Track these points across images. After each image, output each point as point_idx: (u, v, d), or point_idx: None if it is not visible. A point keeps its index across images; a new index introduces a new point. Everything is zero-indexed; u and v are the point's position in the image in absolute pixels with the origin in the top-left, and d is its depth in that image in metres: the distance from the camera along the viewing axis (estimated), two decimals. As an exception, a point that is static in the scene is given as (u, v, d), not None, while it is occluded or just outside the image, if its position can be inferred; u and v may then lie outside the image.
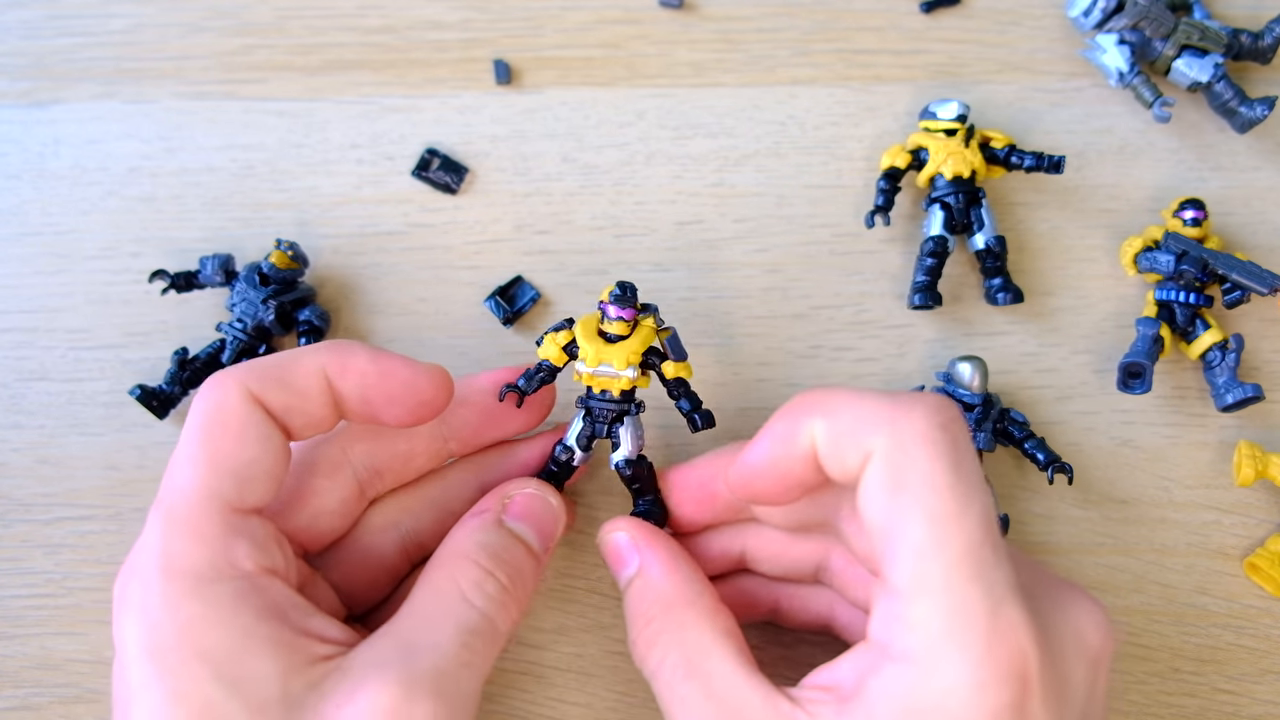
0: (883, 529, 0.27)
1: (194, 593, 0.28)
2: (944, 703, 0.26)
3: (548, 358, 0.36)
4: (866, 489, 0.28)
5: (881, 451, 0.28)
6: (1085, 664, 0.28)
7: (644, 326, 0.36)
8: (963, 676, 0.26)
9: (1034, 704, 0.26)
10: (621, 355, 0.35)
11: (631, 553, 0.34)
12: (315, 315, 0.41)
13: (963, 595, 0.26)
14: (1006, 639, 0.26)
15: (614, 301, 0.35)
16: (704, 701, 0.29)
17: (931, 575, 0.26)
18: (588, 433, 0.37)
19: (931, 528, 0.26)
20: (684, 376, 0.37)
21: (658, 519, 0.36)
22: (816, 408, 0.29)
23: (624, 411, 0.37)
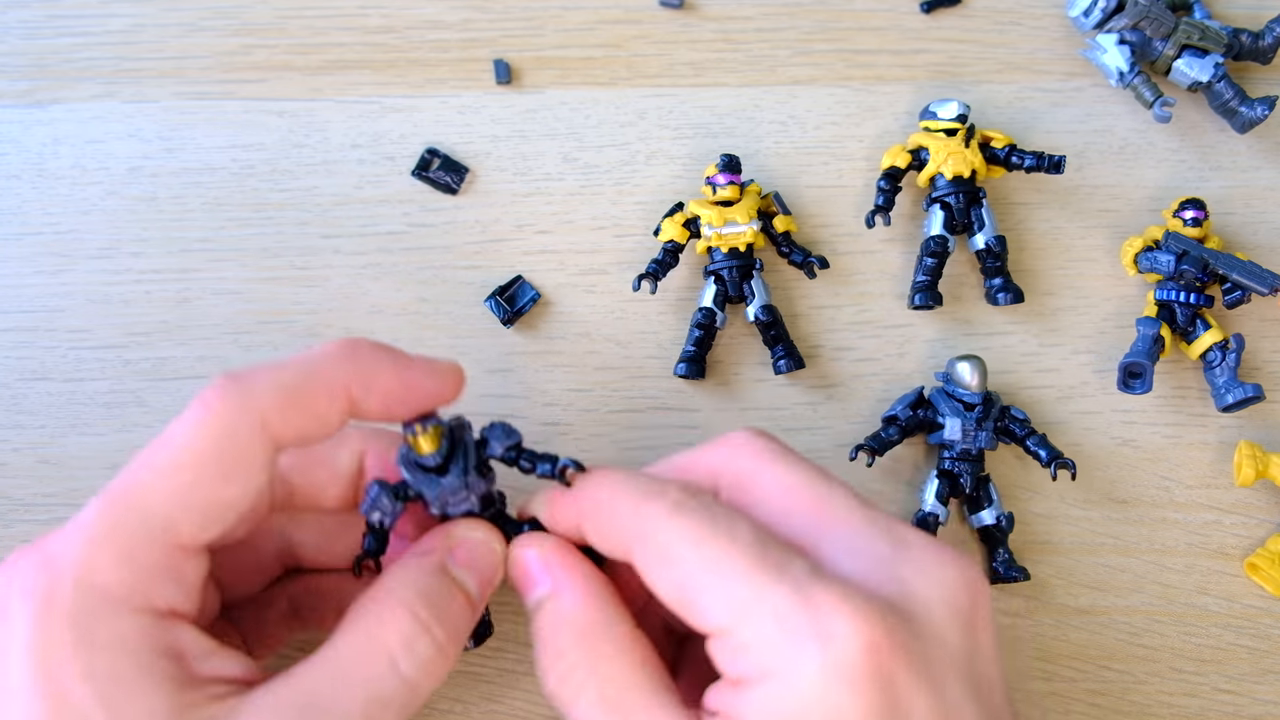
0: (677, 597, 0.28)
1: (100, 613, 0.26)
2: (810, 698, 0.26)
3: (671, 238, 0.41)
4: (646, 574, 0.29)
5: (640, 542, 0.29)
6: (958, 625, 0.28)
7: (750, 191, 0.42)
8: (815, 668, 0.26)
9: (895, 672, 0.26)
10: (742, 211, 0.41)
11: (543, 573, 0.31)
12: (500, 437, 0.33)
13: (773, 601, 0.26)
14: (831, 618, 0.26)
15: (723, 170, 0.41)
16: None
17: (738, 602, 0.27)
18: (723, 293, 0.41)
19: (715, 571, 0.27)
20: (791, 230, 0.42)
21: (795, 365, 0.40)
22: (584, 499, 0.31)
23: (750, 265, 0.41)
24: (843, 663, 0.26)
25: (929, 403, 0.41)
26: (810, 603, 0.26)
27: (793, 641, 0.26)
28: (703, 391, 0.42)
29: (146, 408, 0.41)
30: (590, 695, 0.29)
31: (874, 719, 0.26)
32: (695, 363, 0.41)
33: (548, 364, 0.42)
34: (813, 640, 0.26)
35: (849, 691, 0.25)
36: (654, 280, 0.41)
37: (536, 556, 0.32)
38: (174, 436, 0.27)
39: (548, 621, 0.31)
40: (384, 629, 0.28)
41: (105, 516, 0.27)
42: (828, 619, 0.26)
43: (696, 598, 0.28)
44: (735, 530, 0.28)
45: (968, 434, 0.40)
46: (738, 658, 0.27)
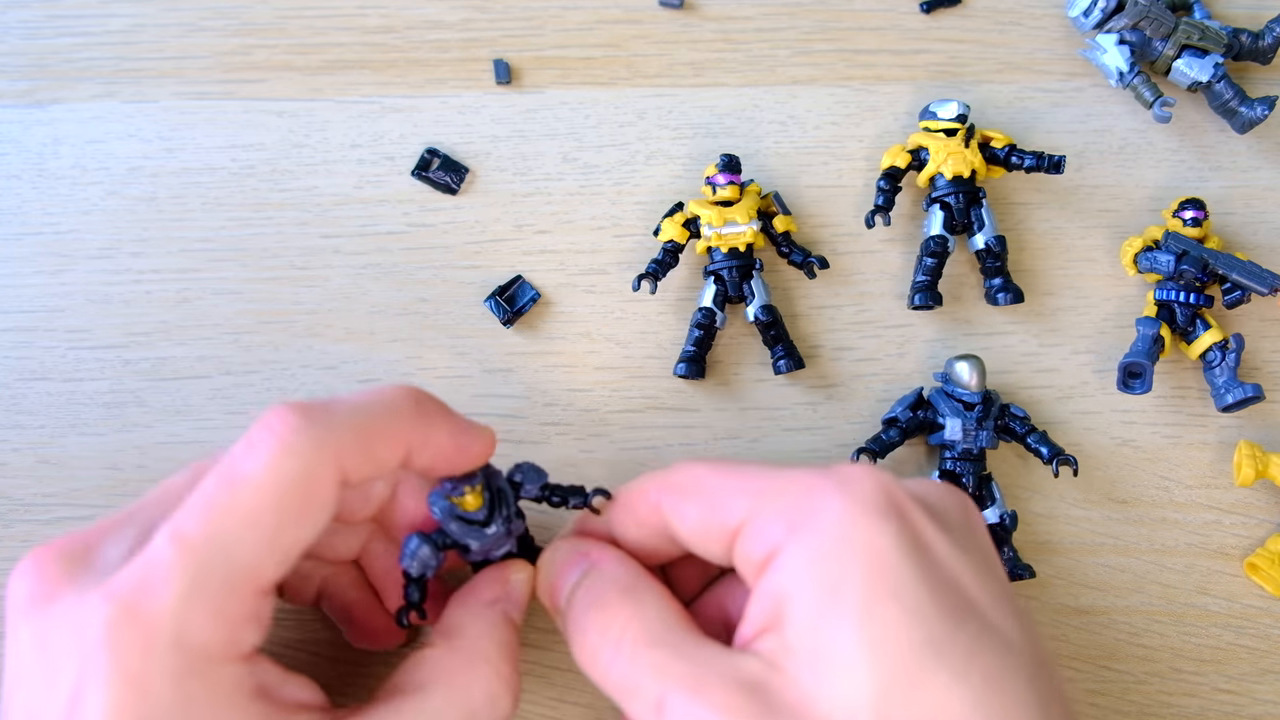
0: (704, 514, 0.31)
1: (199, 670, 0.26)
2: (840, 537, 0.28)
3: (670, 238, 0.41)
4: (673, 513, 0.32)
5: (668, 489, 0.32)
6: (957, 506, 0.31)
7: (749, 191, 0.42)
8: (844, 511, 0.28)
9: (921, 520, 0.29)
10: (742, 211, 0.41)
11: (580, 557, 0.33)
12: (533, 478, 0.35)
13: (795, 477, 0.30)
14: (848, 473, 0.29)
15: (723, 170, 0.41)
16: (675, 664, 0.29)
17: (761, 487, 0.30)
18: (723, 293, 0.41)
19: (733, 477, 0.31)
20: (790, 230, 0.42)
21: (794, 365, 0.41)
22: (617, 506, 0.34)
23: (750, 265, 0.41)
24: (864, 498, 0.28)
25: (928, 403, 0.41)
26: (830, 468, 0.30)
27: (816, 494, 0.28)
28: (703, 391, 0.42)
29: (146, 408, 0.41)
30: (634, 634, 0.30)
31: (904, 543, 0.27)
32: (695, 363, 0.41)
33: (548, 364, 0.42)
34: (835, 487, 0.28)
35: (876, 520, 0.28)
36: (654, 280, 0.41)
37: (573, 546, 0.34)
38: (253, 476, 0.27)
39: (588, 589, 0.32)
40: (469, 686, 0.30)
41: (190, 569, 0.26)
42: (843, 474, 0.29)
43: (719, 505, 0.30)
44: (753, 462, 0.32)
45: (968, 434, 0.40)
46: (764, 532, 0.29)
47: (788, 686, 0.27)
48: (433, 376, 0.42)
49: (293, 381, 0.42)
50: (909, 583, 0.27)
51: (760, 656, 0.28)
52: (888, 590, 0.26)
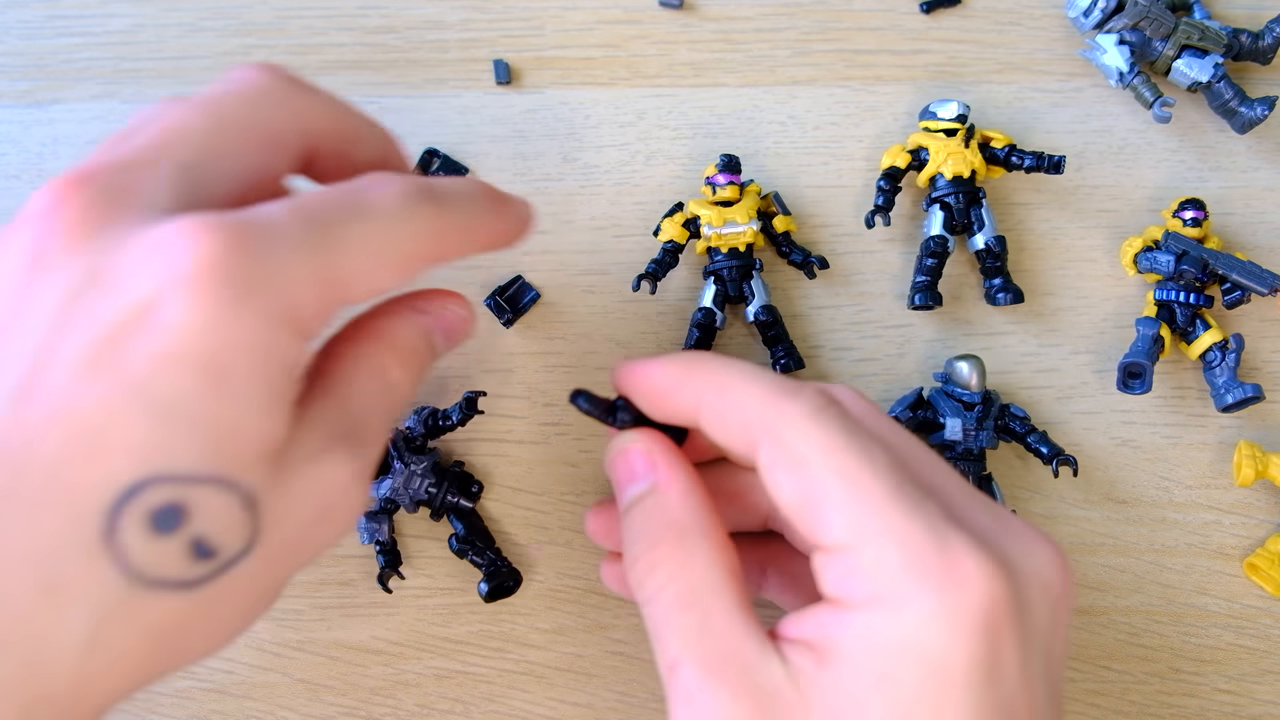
0: (799, 502, 0.28)
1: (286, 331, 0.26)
2: (917, 638, 0.26)
3: (670, 239, 0.41)
4: (768, 474, 0.28)
5: (771, 435, 0.28)
6: (1048, 605, 0.28)
7: (749, 191, 0.42)
8: (932, 608, 0.26)
9: (1005, 634, 0.26)
10: (742, 211, 0.41)
11: (647, 468, 0.32)
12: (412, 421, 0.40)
13: (905, 534, 0.26)
14: (961, 567, 0.26)
15: (723, 170, 0.42)
16: (700, 635, 0.28)
17: (866, 523, 0.27)
18: (723, 293, 0.41)
19: (847, 484, 0.27)
20: (790, 230, 0.42)
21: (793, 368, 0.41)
22: (706, 381, 0.30)
23: (750, 265, 0.41)
24: (963, 609, 0.26)
25: (928, 403, 0.41)
26: (942, 543, 0.26)
27: (916, 575, 0.26)
28: (703, 391, 0.42)
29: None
30: (676, 587, 0.29)
31: (975, 671, 0.26)
32: None
33: (548, 364, 0.42)
34: (938, 579, 0.26)
35: (960, 638, 0.26)
36: (654, 280, 0.41)
37: (642, 451, 0.32)
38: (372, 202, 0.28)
39: (646, 514, 0.31)
40: (384, 366, 0.30)
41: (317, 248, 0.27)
42: (958, 562, 0.26)
43: (821, 509, 0.27)
44: (873, 451, 0.28)
45: (968, 434, 0.40)
46: (849, 579, 0.27)
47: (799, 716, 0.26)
48: (432, 376, 0.42)
49: (293, 382, 0.42)
50: (960, 710, 0.26)
51: (789, 666, 0.27)
52: (933, 707, 0.26)
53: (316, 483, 0.27)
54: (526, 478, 0.41)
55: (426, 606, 0.40)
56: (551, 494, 0.41)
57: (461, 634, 0.40)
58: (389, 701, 0.39)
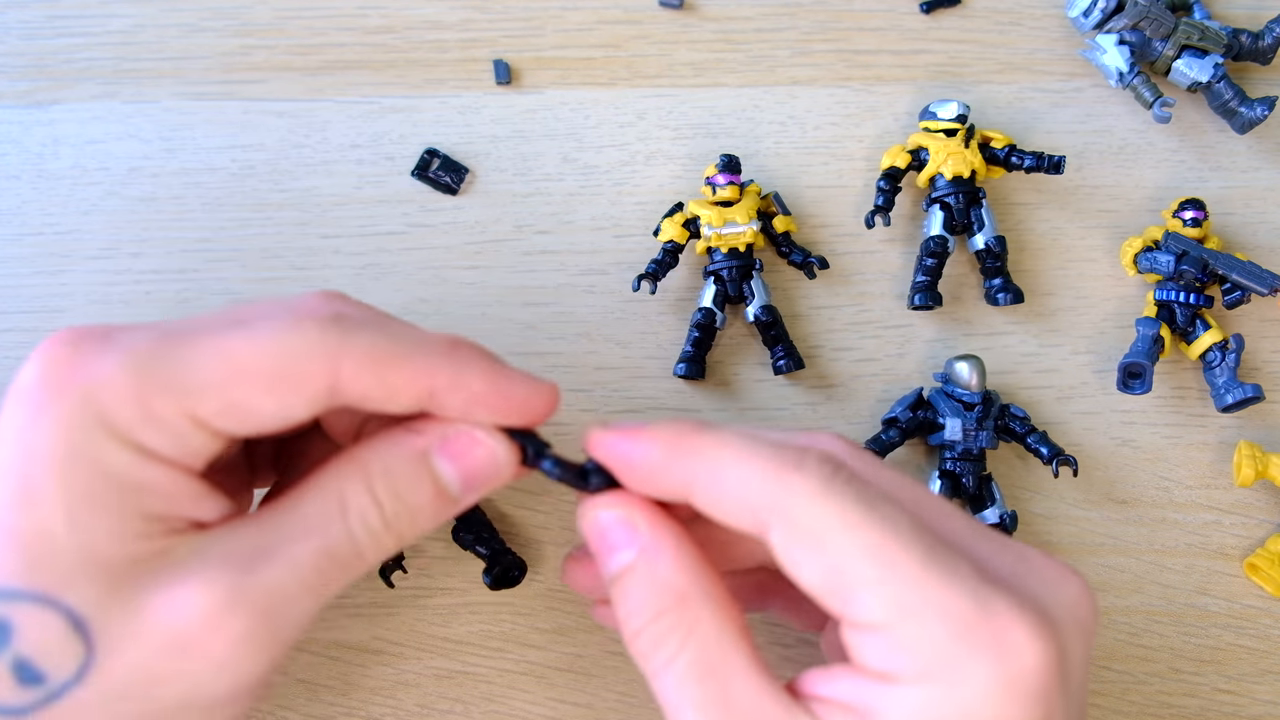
0: (825, 584, 0.27)
1: (94, 433, 0.25)
2: (974, 708, 0.25)
3: (670, 239, 0.41)
4: (787, 558, 0.27)
5: (782, 519, 0.27)
6: (1082, 642, 0.27)
7: (749, 191, 0.42)
8: (986, 678, 0.25)
9: (1054, 690, 0.26)
10: (742, 211, 0.41)
11: (628, 538, 0.29)
12: None
13: (946, 604, 0.25)
14: (1007, 632, 0.25)
15: (723, 170, 0.42)
16: (720, 707, 0.27)
17: (904, 600, 0.26)
18: (723, 293, 0.41)
19: (876, 562, 0.26)
20: (790, 230, 0.42)
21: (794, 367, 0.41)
22: (696, 458, 0.28)
23: (750, 265, 0.41)
24: (1018, 677, 0.25)
25: (928, 404, 0.41)
26: (987, 611, 0.25)
27: (968, 647, 0.25)
28: (702, 392, 0.42)
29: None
30: (686, 659, 0.28)
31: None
32: (695, 363, 0.41)
33: (548, 364, 0.42)
34: (989, 650, 0.25)
35: (1018, 707, 0.25)
36: (654, 280, 0.41)
37: (620, 519, 0.29)
38: (253, 325, 0.26)
39: (639, 584, 0.29)
40: (343, 493, 0.27)
41: (142, 357, 0.26)
42: (1005, 630, 0.25)
43: (852, 590, 0.26)
44: (894, 519, 0.26)
45: (968, 434, 0.40)
46: (893, 655, 0.26)
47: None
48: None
49: (293, 382, 0.42)
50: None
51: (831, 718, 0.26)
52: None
53: (165, 609, 0.25)
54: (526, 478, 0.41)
55: (426, 606, 0.40)
56: (552, 494, 0.41)
57: (461, 634, 0.40)
58: (389, 701, 0.39)
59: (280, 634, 0.26)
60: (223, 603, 0.25)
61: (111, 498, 0.25)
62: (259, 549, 0.26)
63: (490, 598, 0.40)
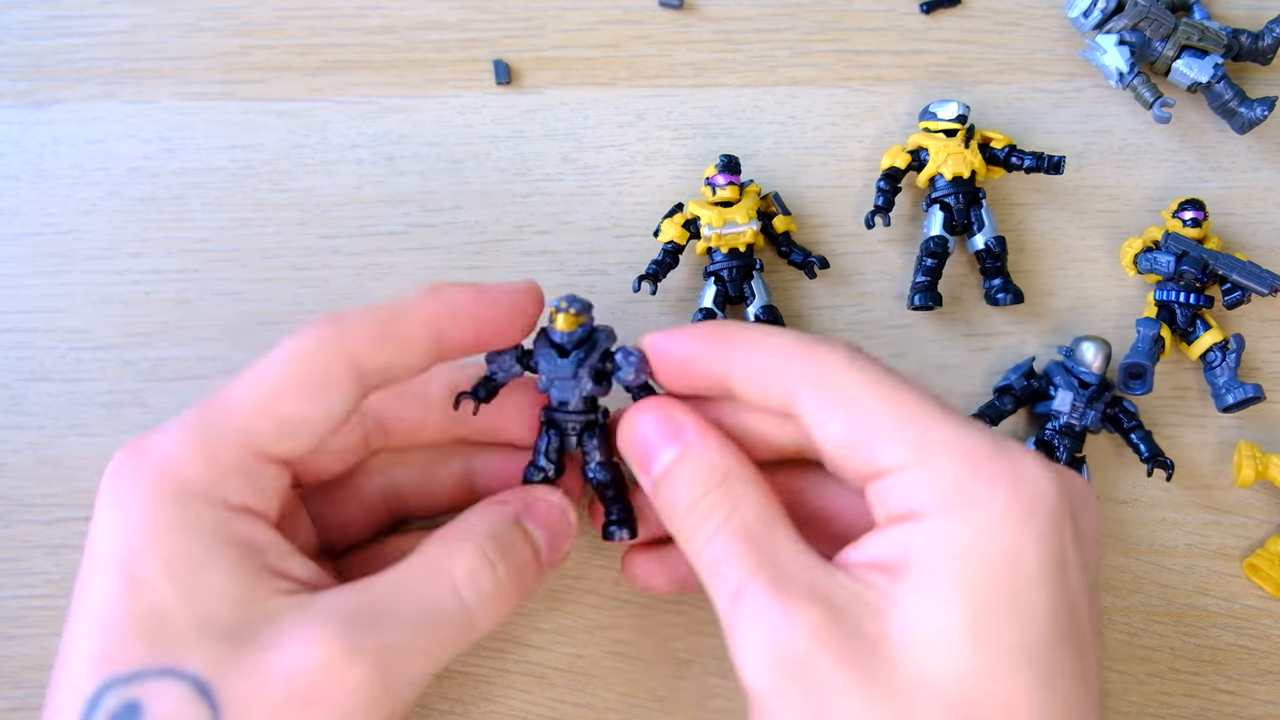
0: (849, 440, 0.29)
1: (176, 502, 0.28)
2: (991, 538, 0.27)
3: (670, 239, 0.41)
4: (814, 419, 0.29)
5: (810, 384, 0.29)
6: (1086, 507, 0.29)
7: (749, 191, 0.42)
8: (1002, 508, 0.27)
9: (1067, 532, 0.27)
10: (742, 211, 0.41)
11: (673, 432, 0.32)
12: (637, 366, 0.34)
13: (968, 442, 0.28)
14: (1024, 469, 0.27)
15: (722, 170, 0.41)
16: (763, 561, 0.29)
17: (926, 438, 0.28)
18: (723, 294, 0.41)
19: (897, 412, 0.29)
20: (790, 230, 0.42)
21: None
22: (733, 343, 0.31)
23: (750, 266, 0.41)
24: (1032, 505, 0.27)
25: (1041, 375, 0.41)
26: (1001, 448, 0.28)
27: (986, 478, 0.27)
28: (703, 392, 0.42)
29: (146, 408, 0.41)
30: (731, 527, 0.30)
31: (1048, 566, 0.27)
32: None
33: (548, 364, 0.42)
34: (1006, 480, 0.27)
35: (1032, 533, 0.27)
36: (654, 281, 0.41)
37: (661, 420, 0.32)
38: (267, 359, 0.30)
39: (688, 470, 0.31)
40: (451, 558, 0.30)
41: (194, 421, 0.29)
42: (1021, 464, 0.28)
43: (875, 441, 0.28)
44: (914, 385, 0.29)
45: (1076, 409, 0.40)
46: (917, 491, 0.28)
47: (873, 624, 0.27)
48: (433, 377, 0.42)
49: (293, 382, 0.42)
50: (1036, 602, 0.27)
51: (857, 584, 0.28)
52: (1011, 599, 0.27)
53: (284, 662, 0.26)
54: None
55: (426, 607, 0.40)
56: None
57: (461, 634, 0.40)
58: (389, 702, 0.39)
59: (396, 690, 0.28)
60: (340, 653, 0.26)
61: (209, 557, 0.27)
62: (370, 608, 0.28)
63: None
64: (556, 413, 0.35)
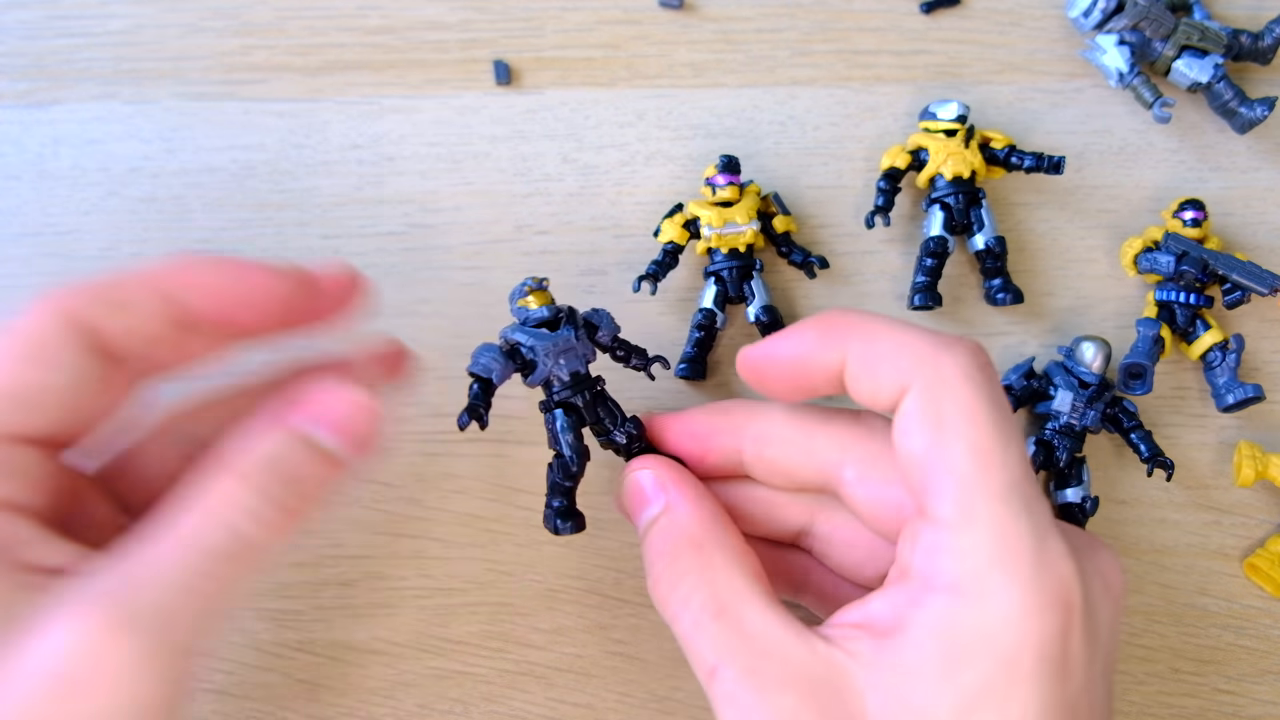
0: (924, 462, 0.28)
1: None
2: (992, 630, 0.26)
3: (670, 239, 0.41)
4: (906, 421, 0.28)
5: (921, 385, 0.28)
6: (1110, 604, 0.28)
7: (749, 191, 0.42)
8: (1013, 603, 0.26)
9: (1076, 633, 0.26)
10: (742, 211, 0.41)
11: (657, 492, 0.33)
12: (608, 324, 0.36)
13: (1011, 526, 0.26)
14: (1053, 569, 0.26)
15: (722, 170, 0.41)
16: (736, 640, 0.28)
17: (978, 506, 0.27)
18: (723, 294, 0.41)
19: (976, 461, 0.27)
20: (790, 230, 0.42)
21: None
22: (853, 330, 0.30)
23: (750, 265, 0.41)
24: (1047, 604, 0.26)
25: (1042, 375, 0.41)
26: (1042, 543, 0.26)
27: (1008, 571, 0.26)
28: (703, 392, 0.42)
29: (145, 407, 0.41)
30: (701, 598, 0.29)
31: (1046, 666, 0.26)
32: (696, 364, 0.41)
33: (548, 364, 0.42)
34: (1027, 571, 0.26)
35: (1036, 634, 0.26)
36: (654, 281, 0.41)
37: (652, 477, 0.33)
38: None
39: (662, 534, 0.32)
40: (225, 498, 0.27)
41: None
42: (1053, 564, 0.26)
43: (939, 476, 0.27)
44: (1011, 434, 0.27)
45: (1076, 409, 0.40)
46: (938, 556, 0.27)
47: (853, 702, 0.27)
48: (433, 377, 0.42)
49: (293, 382, 0.42)
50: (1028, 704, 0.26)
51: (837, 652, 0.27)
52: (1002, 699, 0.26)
53: (38, 657, 0.24)
54: (526, 478, 0.41)
55: (426, 607, 0.40)
56: (551, 494, 0.41)
57: (461, 634, 0.40)
58: (389, 702, 0.39)
59: (184, 643, 0.25)
60: (104, 629, 0.24)
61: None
62: (138, 573, 0.25)
63: (490, 597, 0.40)
64: (567, 391, 0.35)
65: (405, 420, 0.41)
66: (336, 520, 0.41)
